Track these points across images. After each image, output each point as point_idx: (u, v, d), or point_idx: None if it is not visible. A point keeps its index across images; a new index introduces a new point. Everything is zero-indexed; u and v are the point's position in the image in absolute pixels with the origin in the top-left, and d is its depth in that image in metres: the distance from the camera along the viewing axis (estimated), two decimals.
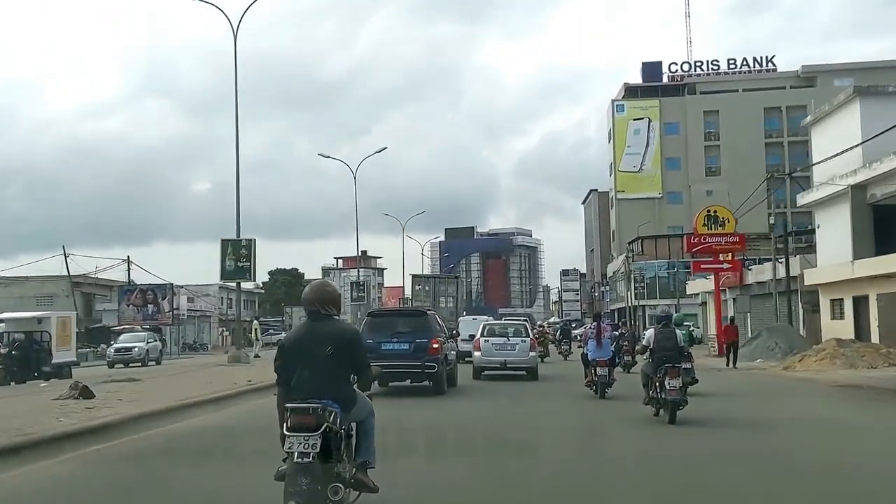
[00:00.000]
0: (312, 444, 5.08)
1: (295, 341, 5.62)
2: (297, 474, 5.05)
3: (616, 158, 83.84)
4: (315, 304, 5.58)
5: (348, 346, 5.53)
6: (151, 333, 37.49)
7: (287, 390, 5.46)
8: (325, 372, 5.39)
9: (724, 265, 34.82)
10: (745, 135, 79.85)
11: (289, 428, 5.18)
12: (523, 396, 16.33)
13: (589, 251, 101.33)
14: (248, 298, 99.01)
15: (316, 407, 5.20)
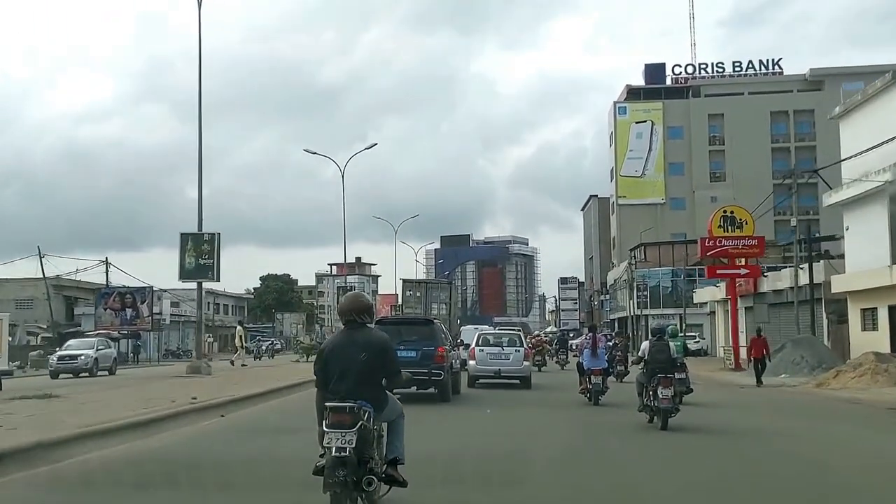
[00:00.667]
0: (349, 439, 5.55)
1: (333, 347, 6.09)
2: (336, 467, 5.51)
3: (617, 163, 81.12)
4: (351, 313, 6.07)
5: (381, 353, 6.02)
6: (103, 339, 33.57)
7: (325, 392, 5.95)
8: (360, 375, 5.86)
9: (741, 270, 31.95)
10: (750, 139, 77.28)
11: (328, 425, 5.64)
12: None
13: (588, 259, 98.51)
14: (236, 304, 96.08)
15: (352, 406, 5.68)
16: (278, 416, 13.21)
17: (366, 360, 5.89)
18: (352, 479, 5.56)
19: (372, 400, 5.89)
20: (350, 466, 5.55)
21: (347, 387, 5.82)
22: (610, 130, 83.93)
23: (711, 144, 79.99)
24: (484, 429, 12.63)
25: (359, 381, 5.85)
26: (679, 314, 61.66)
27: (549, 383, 23.69)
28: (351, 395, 5.78)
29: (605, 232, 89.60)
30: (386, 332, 14.73)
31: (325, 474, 5.56)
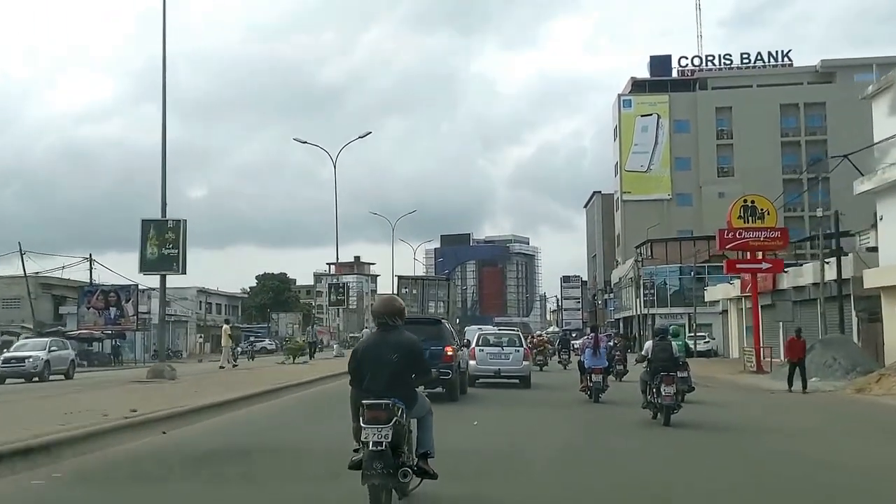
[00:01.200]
0: (385, 434, 5.91)
1: (367, 348, 6.44)
2: (373, 460, 5.87)
3: (622, 157, 78.65)
4: (384, 316, 6.47)
5: (412, 354, 6.38)
6: (58, 339, 30.63)
7: (359, 390, 6.29)
8: (393, 374, 6.23)
9: (762, 265, 29.45)
10: (759, 133, 74.81)
11: (365, 421, 5.97)
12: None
13: (591, 257, 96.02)
14: (229, 303, 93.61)
15: (387, 403, 6.03)
16: (223, 438, 10.74)
17: (398, 360, 6.24)
18: (388, 471, 5.90)
19: (404, 397, 6.22)
20: (386, 459, 5.90)
21: (381, 385, 6.16)
22: (614, 124, 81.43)
23: (719, 138, 77.52)
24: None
25: (391, 380, 6.19)
26: (688, 313, 59.26)
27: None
28: (384, 392, 6.11)
29: (609, 229, 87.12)
30: None
31: (364, 467, 5.91)
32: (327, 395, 17.65)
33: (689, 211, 76.11)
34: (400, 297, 38.58)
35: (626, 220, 78.09)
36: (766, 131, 75.25)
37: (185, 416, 12.01)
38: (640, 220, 75.13)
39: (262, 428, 11.99)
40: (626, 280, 67.06)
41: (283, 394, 17.43)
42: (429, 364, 6.72)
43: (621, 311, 72.56)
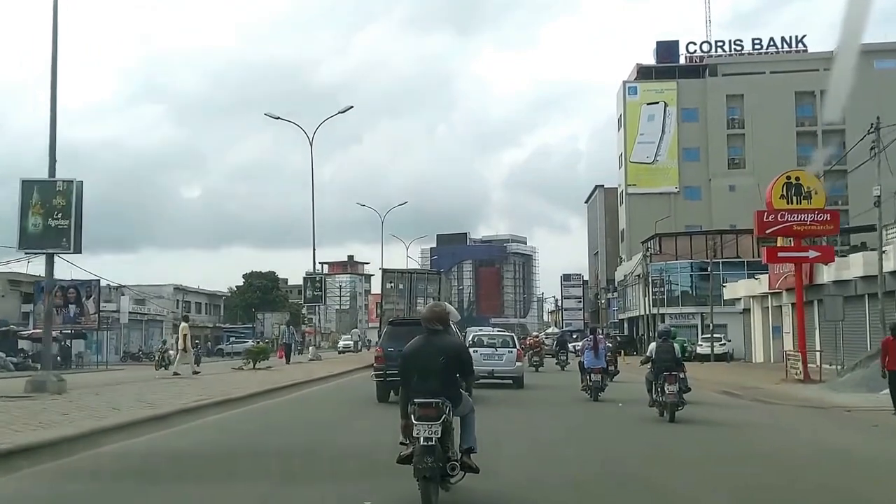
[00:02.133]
0: (435, 430, 6.39)
1: (415, 351, 6.86)
2: (424, 454, 6.31)
3: (627, 148, 74.04)
4: (431, 321, 6.94)
5: (457, 357, 6.87)
6: None
7: (408, 390, 6.76)
8: (439, 376, 6.64)
9: (809, 253, 24.80)
10: (773, 123, 70.34)
11: (417, 418, 6.46)
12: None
13: (592, 254, 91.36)
14: (210, 302, 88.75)
15: (438, 402, 6.49)
16: None
17: (444, 362, 6.69)
18: (438, 464, 6.36)
19: (450, 397, 6.68)
20: (437, 454, 6.37)
21: (429, 385, 6.62)
22: (619, 113, 76.84)
23: (730, 128, 72.98)
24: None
25: (438, 381, 6.64)
26: (700, 313, 54.69)
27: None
28: (431, 393, 6.56)
29: (613, 225, 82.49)
30: (398, 333, 15.52)
31: (415, 461, 6.37)
32: (249, 419, 13.32)
33: (697, 205, 71.63)
34: (384, 293, 33.65)
35: (630, 214, 73.51)
36: (781, 120, 70.78)
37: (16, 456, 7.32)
38: (645, 214, 70.65)
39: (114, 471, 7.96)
40: (633, 277, 62.45)
41: (176, 422, 12.26)
42: (472, 366, 7.22)
43: (626, 311, 67.90)
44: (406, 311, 35.08)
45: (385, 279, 35.64)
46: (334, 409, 15.77)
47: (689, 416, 13.61)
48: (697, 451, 10.25)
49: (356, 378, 27.86)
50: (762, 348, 39.18)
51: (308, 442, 10.56)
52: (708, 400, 19.43)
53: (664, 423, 13.12)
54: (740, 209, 66.53)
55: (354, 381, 26.03)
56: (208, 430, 11.79)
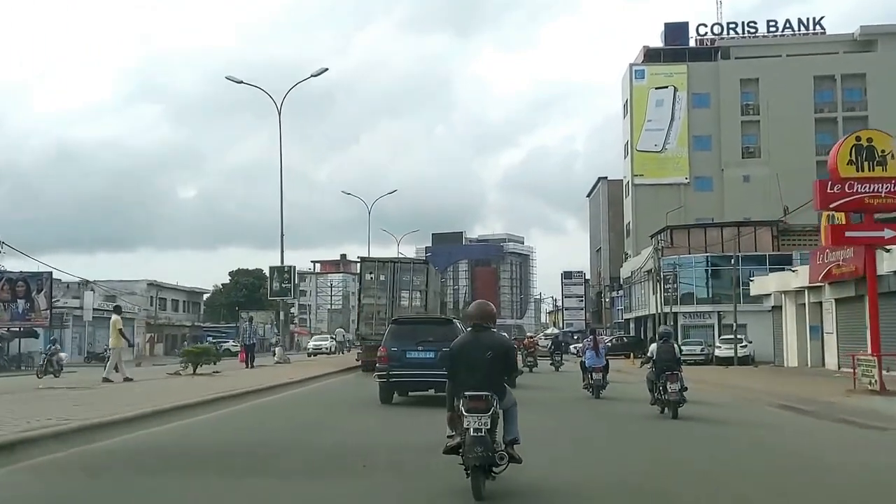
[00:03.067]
0: (485, 422, 6.69)
1: (462, 347, 7.23)
2: (474, 444, 6.59)
3: (633, 136, 69.14)
4: (478, 318, 7.31)
5: (503, 353, 7.18)
6: None
7: (455, 384, 7.09)
8: (486, 370, 6.96)
9: (884, 233, 19.82)
10: (790, 109, 65.52)
11: (467, 410, 6.76)
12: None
13: (595, 251, 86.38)
14: (189, 300, 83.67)
15: (488, 395, 6.82)
16: None
17: (491, 357, 7.01)
18: (488, 454, 6.60)
19: (496, 390, 6.97)
20: (486, 444, 6.62)
21: (477, 380, 6.92)
22: (624, 98, 71.93)
23: (744, 114, 68.12)
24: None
25: (486, 375, 6.95)
26: (717, 311, 49.87)
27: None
28: (479, 387, 6.87)
29: (617, 219, 77.57)
30: (401, 332, 16.51)
31: (466, 451, 6.65)
32: None
33: (708, 197, 66.81)
34: (363, 285, 28.77)
35: (637, 207, 68.62)
36: (798, 106, 65.97)
37: None
38: (653, 207, 65.84)
39: None
40: (641, 274, 57.54)
41: None
42: (517, 361, 7.77)
43: (632, 310, 62.96)
44: (388, 305, 30.19)
45: (364, 270, 30.71)
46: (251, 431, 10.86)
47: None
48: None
49: (324, 385, 23.10)
50: (796, 351, 34.31)
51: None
52: (769, 419, 15.03)
53: (666, 419, 13.79)
54: (755, 201, 61.85)
55: (318, 389, 21.23)
56: None
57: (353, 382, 24.55)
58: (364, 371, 30.59)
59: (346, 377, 27.98)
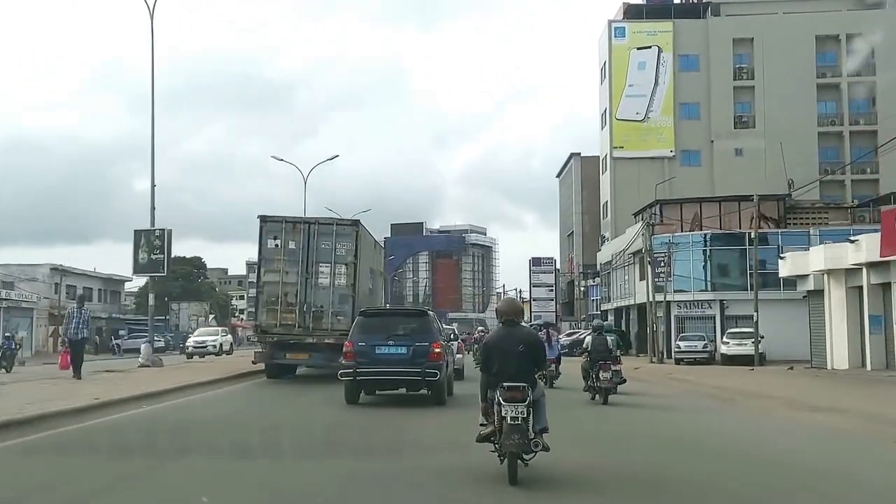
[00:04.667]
0: (521, 411, 7.17)
1: (496, 341, 7.81)
2: (512, 432, 7.10)
3: (613, 102, 60.83)
4: (510, 314, 7.92)
5: (534, 346, 7.74)
6: None
7: (489, 375, 7.68)
8: (519, 363, 7.52)
9: None
10: (789, 73, 57.77)
11: (505, 400, 7.23)
12: None
13: (566, 236, 78.12)
14: (107, 287, 73.62)
15: (524, 385, 7.32)
16: None
17: (523, 351, 7.56)
18: (524, 441, 7.09)
19: (528, 382, 7.41)
20: (522, 432, 7.13)
21: (510, 372, 7.42)
22: (602, 60, 63.59)
23: (737, 79, 60.13)
24: None
25: (519, 368, 7.47)
26: (720, 300, 41.80)
27: None
28: (512, 378, 7.35)
29: (591, 200, 69.30)
30: (370, 325, 15.31)
31: (503, 438, 7.18)
32: None
33: (697, 172, 58.80)
34: (263, 254, 20.35)
35: (616, 183, 60.39)
36: (798, 70, 58.21)
37: None
38: (634, 183, 57.86)
39: None
40: (624, 258, 49.25)
41: None
42: (545, 354, 9.03)
43: (613, 300, 54.72)
44: (300, 285, 21.46)
45: (265, 233, 21.72)
46: None
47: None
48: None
49: (185, 402, 14.52)
50: (845, 348, 26.20)
51: None
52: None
53: (598, 404, 15.26)
54: (748, 177, 53.81)
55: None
56: None
57: (244, 398, 16.07)
58: (270, 377, 22.03)
59: (232, 388, 19.28)
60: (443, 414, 13.32)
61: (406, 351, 14.39)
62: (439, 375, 14.49)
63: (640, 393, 18.24)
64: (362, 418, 12.80)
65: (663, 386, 22.12)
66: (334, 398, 14.67)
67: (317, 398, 15.88)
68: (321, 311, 21.21)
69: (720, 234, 42.36)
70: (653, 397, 17.80)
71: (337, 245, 21.51)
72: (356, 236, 21.64)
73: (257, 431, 10.72)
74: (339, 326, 20.93)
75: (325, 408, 14.05)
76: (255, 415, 13.35)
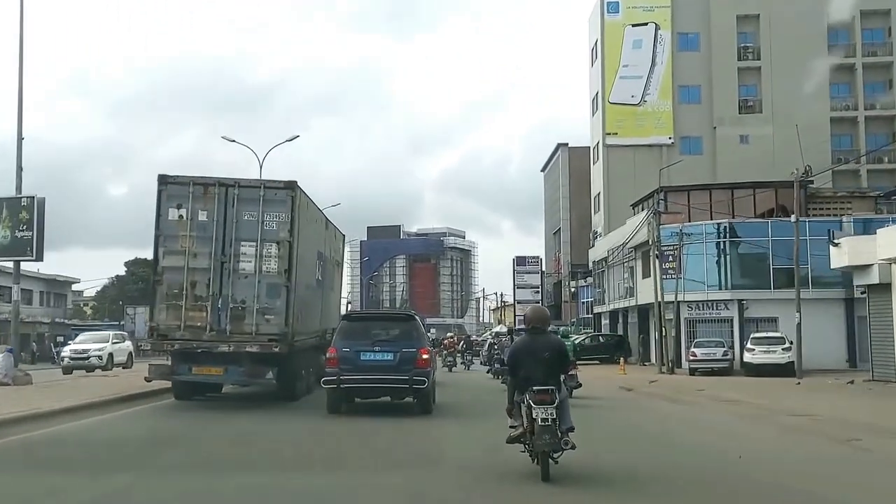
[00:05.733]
0: (551, 412, 7.74)
1: (523, 347, 8.44)
2: (543, 432, 7.70)
3: (606, 85, 55.25)
4: (536, 322, 8.54)
5: (559, 352, 8.36)
6: None
7: (516, 379, 8.30)
8: (545, 368, 8.10)
9: None
10: (798, 53, 52.26)
11: (535, 402, 7.82)
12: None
13: (552, 234, 72.43)
14: (50, 290, 66.90)
15: (552, 388, 7.94)
16: None
17: (549, 356, 8.15)
18: (555, 440, 7.66)
19: (554, 385, 8.02)
20: (552, 432, 7.69)
21: (538, 376, 8.01)
22: (593, 39, 58.09)
23: (742, 59, 54.71)
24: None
25: (545, 372, 8.06)
26: (738, 300, 36.24)
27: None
28: (540, 382, 7.95)
29: (581, 192, 63.69)
30: (354, 330, 14.82)
31: (535, 438, 7.77)
32: None
33: (698, 161, 53.15)
34: (160, 228, 14.16)
35: (609, 173, 54.76)
36: (809, 50, 52.77)
37: None
38: (629, 173, 52.47)
39: None
40: (624, 253, 43.55)
41: None
42: (570, 359, 9.57)
43: (607, 302, 49.05)
44: (213, 271, 15.32)
45: (166, 202, 15.67)
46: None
47: None
48: None
49: None
50: None
51: None
52: None
53: None
54: (754, 166, 48.53)
55: None
56: None
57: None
58: (179, 398, 16.15)
59: (111, 417, 13.43)
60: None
61: (392, 357, 13.87)
62: (427, 383, 14.05)
63: (686, 420, 14.19)
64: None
65: (710, 409, 16.41)
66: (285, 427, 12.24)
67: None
68: (242, 307, 15.34)
69: (740, 222, 36.73)
70: (721, 436, 12.42)
71: (266, 216, 15.62)
72: (292, 204, 15.71)
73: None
74: (268, 329, 15.14)
75: None
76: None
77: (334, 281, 22.89)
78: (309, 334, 18.03)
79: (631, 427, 13.45)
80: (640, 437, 11.99)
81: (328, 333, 21.62)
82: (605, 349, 43.06)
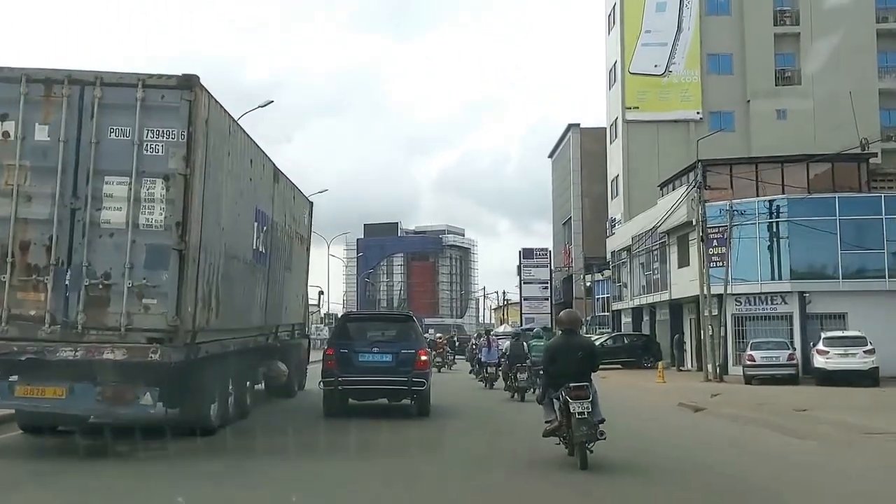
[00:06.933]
0: (587, 406, 8.65)
1: (559, 347, 9.52)
2: (580, 425, 8.62)
3: (625, 53, 49.22)
4: (570, 324, 9.71)
5: (591, 352, 9.55)
6: None
7: (549, 376, 9.45)
8: (579, 365, 9.10)
9: None
10: (842, 17, 46.15)
11: (572, 397, 8.74)
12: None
13: (561, 224, 66.19)
14: None
15: (587, 385, 8.89)
16: None
17: (581, 356, 9.20)
18: (591, 431, 8.50)
19: (587, 382, 8.95)
20: (589, 424, 8.56)
21: (571, 373, 8.96)
22: (610, 5, 52.05)
23: (778, 24, 48.62)
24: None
25: (579, 370, 9.02)
26: (800, 292, 30.05)
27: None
28: (575, 378, 8.89)
29: (593, 178, 57.60)
30: (352, 330, 15.10)
31: (573, 430, 8.67)
32: None
33: (729, 139, 46.53)
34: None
35: (630, 152, 48.71)
36: (853, 14, 46.75)
37: None
38: (650, 152, 46.67)
39: None
40: (654, 239, 37.40)
41: None
42: (599, 359, 10.08)
43: (633, 297, 42.90)
44: (57, 223, 8.74)
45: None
46: None
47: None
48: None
49: None
50: None
51: None
52: None
53: (517, 402, 18.36)
54: (793, 144, 42.56)
55: None
56: None
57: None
58: (27, 431, 9.83)
59: None
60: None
61: (391, 359, 13.88)
62: (426, 385, 14.18)
63: None
64: None
65: (858, 447, 10.22)
66: None
67: None
68: (105, 285, 9.13)
69: (799, 197, 30.55)
70: None
71: (147, 134, 9.41)
72: (191, 115, 9.47)
73: None
74: (146, 322, 8.98)
75: None
76: None
77: (293, 260, 16.65)
78: (237, 333, 11.86)
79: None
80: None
81: (283, 331, 15.57)
82: (630, 351, 37.42)
